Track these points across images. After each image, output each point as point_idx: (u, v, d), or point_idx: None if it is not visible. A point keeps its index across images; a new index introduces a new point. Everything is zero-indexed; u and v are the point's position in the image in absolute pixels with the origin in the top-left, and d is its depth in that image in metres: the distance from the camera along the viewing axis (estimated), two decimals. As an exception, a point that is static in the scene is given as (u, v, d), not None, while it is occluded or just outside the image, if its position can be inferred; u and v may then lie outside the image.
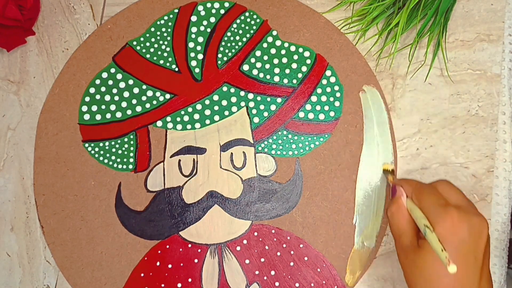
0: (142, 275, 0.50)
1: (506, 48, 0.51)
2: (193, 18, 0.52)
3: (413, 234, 0.41)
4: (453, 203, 0.39)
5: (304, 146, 0.51)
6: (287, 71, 0.51)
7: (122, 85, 0.52)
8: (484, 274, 0.39)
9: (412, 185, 0.42)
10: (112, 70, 0.52)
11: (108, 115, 0.51)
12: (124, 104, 0.51)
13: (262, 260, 0.50)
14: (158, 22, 0.52)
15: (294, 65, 0.52)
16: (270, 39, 0.52)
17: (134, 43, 0.52)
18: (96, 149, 0.51)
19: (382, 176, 0.50)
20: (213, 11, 0.52)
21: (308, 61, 0.52)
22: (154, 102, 0.51)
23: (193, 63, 0.52)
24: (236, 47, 0.52)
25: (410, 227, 0.41)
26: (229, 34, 0.52)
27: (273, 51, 0.52)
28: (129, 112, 0.51)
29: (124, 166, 0.51)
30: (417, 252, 0.39)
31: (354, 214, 0.50)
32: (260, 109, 0.51)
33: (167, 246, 0.50)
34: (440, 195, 0.40)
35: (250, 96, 0.51)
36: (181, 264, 0.50)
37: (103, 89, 0.52)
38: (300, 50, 0.52)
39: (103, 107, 0.51)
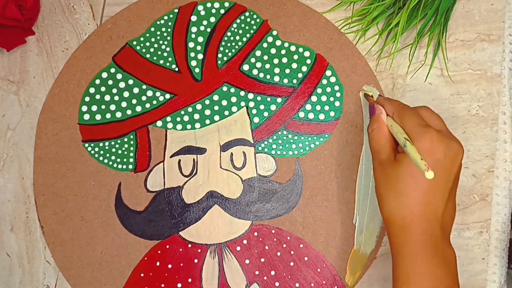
0: (142, 275, 0.50)
1: (506, 48, 0.51)
2: (193, 18, 0.52)
3: (391, 150, 0.42)
4: (434, 126, 0.40)
5: (304, 146, 0.51)
6: (287, 71, 0.51)
7: (122, 85, 0.52)
8: (451, 197, 0.40)
9: (395, 105, 0.43)
10: (112, 70, 0.52)
11: (108, 115, 0.51)
12: (124, 104, 0.51)
13: (262, 260, 0.50)
14: (158, 22, 0.52)
15: (294, 65, 0.51)
16: (270, 39, 0.52)
17: (134, 43, 0.52)
18: (96, 149, 0.51)
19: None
20: (213, 11, 0.52)
21: (308, 61, 0.52)
22: (154, 102, 0.51)
23: (193, 63, 0.52)
24: (236, 47, 0.52)
25: (388, 143, 0.42)
26: (229, 34, 0.52)
27: (273, 51, 0.52)
28: (129, 112, 0.51)
29: (124, 166, 0.51)
30: (393, 166, 0.40)
31: (354, 214, 0.50)
32: (260, 109, 0.51)
33: (167, 246, 0.50)
34: (421, 118, 0.41)
35: (250, 96, 0.51)
36: (181, 264, 0.50)
37: (103, 89, 0.52)
38: (300, 50, 0.52)
39: (103, 107, 0.51)
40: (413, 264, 0.39)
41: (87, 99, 0.52)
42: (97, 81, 0.52)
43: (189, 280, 0.50)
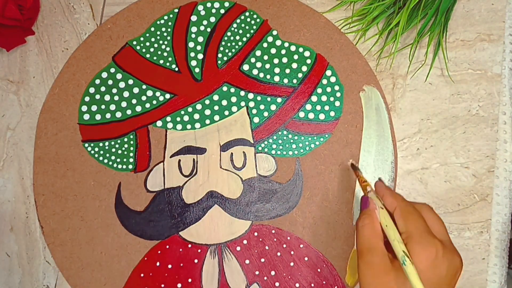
0: (142, 275, 0.50)
1: (506, 48, 0.51)
2: (193, 18, 0.52)
3: (383, 252, 0.37)
4: (437, 234, 0.37)
5: (304, 146, 0.51)
6: (287, 71, 0.51)
7: (122, 85, 0.52)
8: None
9: (398, 200, 0.39)
10: (112, 70, 0.52)
11: (108, 115, 0.51)
12: (124, 104, 0.51)
13: (262, 260, 0.50)
14: (158, 22, 0.52)
15: (294, 65, 0.51)
16: (270, 38, 0.52)
17: (134, 42, 0.52)
18: (96, 149, 0.51)
19: (382, 176, 0.50)
20: (213, 10, 0.52)
21: (308, 61, 0.51)
22: (154, 102, 0.51)
23: (193, 63, 0.52)
24: (236, 47, 0.52)
25: (380, 243, 0.38)
26: (229, 34, 0.52)
27: (273, 51, 0.52)
28: (129, 112, 0.51)
29: (124, 166, 0.51)
30: (389, 274, 0.36)
31: (354, 215, 0.50)
32: (260, 109, 0.51)
33: (167, 246, 0.50)
34: (426, 222, 0.38)
35: (250, 96, 0.51)
36: (181, 264, 0.50)
37: (103, 89, 0.52)
38: (300, 49, 0.52)
39: (103, 107, 0.51)
40: None
41: (87, 99, 0.52)
42: (97, 81, 0.52)
43: (189, 280, 0.50)
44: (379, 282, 0.36)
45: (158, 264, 0.50)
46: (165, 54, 0.52)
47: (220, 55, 0.52)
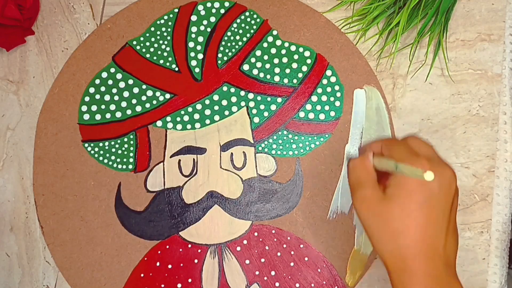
0: (142, 275, 0.50)
1: (507, 47, 0.51)
2: (193, 18, 0.52)
3: (374, 185, 0.38)
4: (423, 155, 0.38)
5: (305, 146, 0.51)
6: (288, 70, 0.51)
7: (122, 85, 0.51)
8: (450, 228, 0.38)
9: (381, 140, 0.41)
10: (112, 70, 0.52)
11: (108, 115, 0.51)
12: (124, 104, 0.51)
13: (262, 260, 0.50)
14: (158, 22, 0.52)
15: (294, 65, 0.51)
16: (270, 38, 0.52)
17: (134, 42, 0.52)
18: (96, 149, 0.51)
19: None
20: (213, 10, 0.52)
21: (309, 61, 0.51)
22: (154, 102, 0.51)
23: (193, 62, 0.52)
24: (236, 46, 0.52)
25: (371, 178, 0.39)
26: (229, 33, 0.52)
27: (273, 50, 0.52)
28: (129, 112, 0.51)
29: (124, 166, 0.51)
30: (383, 204, 0.37)
31: (354, 215, 0.50)
32: (260, 109, 0.51)
33: (167, 247, 0.50)
34: (411, 148, 0.38)
35: (250, 96, 0.51)
36: (181, 265, 0.50)
37: (102, 89, 0.52)
38: (301, 49, 0.52)
39: (103, 107, 0.51)
40: None
41: (87, 99, 0.52)
42: (97, 81, 0.52)
43: (189, 280, 0.50)
44: (373, 212, 0.37)
45: (158, 264, 0.50)
46: (165, 54, 0.52)
47: (220, 55, 0.52)
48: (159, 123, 0.51)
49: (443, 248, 0.37)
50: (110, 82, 0.52)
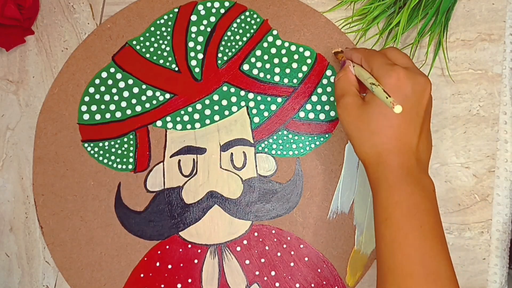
0: (141, 275, 0.50)
1: (507, 47, 0.51)
2: (193, 18, 0.52)
3: (355, 93, 0.42)
4: (400, 65, 0.41)
5: (305, 146, 0.51)
6: (288, 70, 0.51)
7: (121, 84, 0.51)
8: (424, 129, 0.41)
9: (362, 52, 0.44)
10: (112, 70, 0.52)
11: (108, 115, 0.51)
12: (123, 104, 0.51)
13: (263, 260, 0.50)
14: (158, 22, 0.52)
15: (294, 65, 0.51)
16: (270, 38, 0.52)
17: (134, 42, 0.52)
18: (96, 149, 0.51)
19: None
20: (213, 10, 0.52)
21: (309, 61, 0.51)
22: (154, 102, 0.51)
23: (193, 62, 0.51)
24: (236, 46, 0.52)
25: (353, 88, 0.43)
26: (229, 33, 0.52)
27: (273, 50, 0.51)
28: (128, 112, 0.51)
29: (124, 166, 0.51)
30: (362, 108, 0.41)
31: (355, 215, 0.50)
32: (260, 109, 0.51)
33: (167, 247, 0.50)
34: (388, 58, 0.42)
35: (250, 95, 0.51)
36: (181, 265, 0.50)
37: (102, 88, 0.51)
38: (301, 49, 0.51)
39: (103, 107, 0.51)
40: (390, 195, 0.40)
41: (86, 99, 0.51)
42: (97, 81, 0.52)
43: (189, 280, 0.50)
44: (353, 117, 0.41)
45: (158, 264, 0.50)
46: (165, 54, 0.52)
47: (220, 55, 0.51)
48: (159, 123, 0.51)
49: (416, 146, 0.40)
50: (110, 82, 0.51)
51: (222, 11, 0.52)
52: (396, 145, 0.40)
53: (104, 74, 0.52)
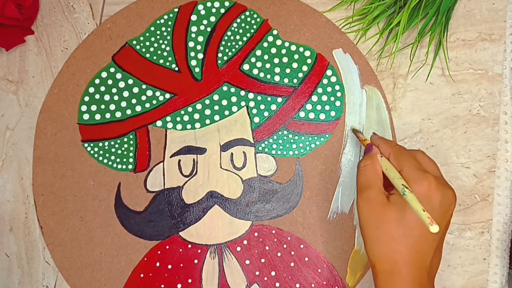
0: (141, 275, 0.50)
1: (507, 47, 0.51)
2: (193, 17, 0.52)
3: (380, 189, 0.40)
4: (430, 172, 0.40)
5: (305, 146, 0.51)
6: (288, 70, 0.51)
7: (121, 84, 0.51)
8: (439, 245, 0.40)
9: (391, 146, 0.42)
10: (112, 70, 0.52)
11: (108, 115, 0.51)
12: (123, 104, 0.51)
13: (263, 260, 0.50)
14: (158, 21, 0.52)
15: (294, 65, 0.51)
16: (270, 38, 0.52)
17: (134, 42, 0.52)
18: (96, 149, 0.51)
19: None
20: (213, 10, 0.52)
21: (309, 61, 0.51)
22: (154, 101, 0.51)
23: (193, 62, 0.51)
24: (237, 46, 0.51)
25: (378, 182, 0.41)
26: (229, 33, 0.52)
27: (273, 50, 0.51)
28: (128, 112, 0.51)
29: (124, 166, 0.51)
30: (385, 208, 0.39)
31: (355, 215, 0.50)
32: (260, 108, 0.51)
33: (167, 247, 0.50)
34: (419, 163, 0.40)
35: (251, 95, 0.51)
36: (181, 265, 0.50)
37: (102, 88, 0.51)
38: (301, 49, 0.51)
39: (103, 106, 0.51)
40: None
41: (86, 98, 0.51)
42: (97, 81, 0.52)
43: (189, 280, 0.50)
44: (375, 214, 0.39)
45: (158, 264, 0.50)
46: (165, 53, 0.51)
47: (220, 55, 0.51)
48: (159, 123, 0.51)
49: (430, 261, 0.39)
50: (110, 82, 0.51)
51: (222, 11, 0.52)
52: (413, 258, 0.38)
53: (104, 74, 0.52)
